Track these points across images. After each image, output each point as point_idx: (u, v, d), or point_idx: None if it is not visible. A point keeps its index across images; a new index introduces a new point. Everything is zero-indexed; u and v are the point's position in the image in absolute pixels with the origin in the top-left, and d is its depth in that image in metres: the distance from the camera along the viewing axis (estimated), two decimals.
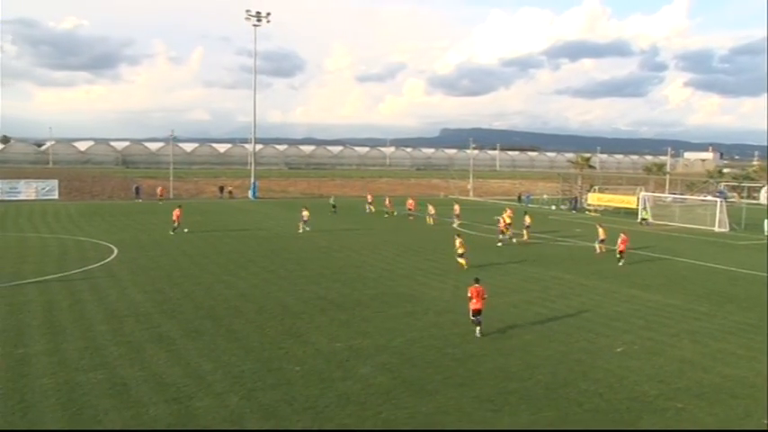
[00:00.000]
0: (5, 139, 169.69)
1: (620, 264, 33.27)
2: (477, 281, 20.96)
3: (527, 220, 43.44)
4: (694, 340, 19.84)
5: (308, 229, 43.93)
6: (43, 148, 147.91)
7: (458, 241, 32.22)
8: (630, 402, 14.83)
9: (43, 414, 13.36)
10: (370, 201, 62.34)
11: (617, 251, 34.06)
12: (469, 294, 20.47)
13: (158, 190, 68.92)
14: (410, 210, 57.28)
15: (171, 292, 24.86)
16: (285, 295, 24.77)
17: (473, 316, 20.18)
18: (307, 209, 45.87)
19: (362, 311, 22.43)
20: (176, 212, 43.81)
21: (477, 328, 20.00)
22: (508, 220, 43.36)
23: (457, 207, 52.09)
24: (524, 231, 42.85)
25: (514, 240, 41.32)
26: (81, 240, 38.49)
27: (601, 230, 38.21)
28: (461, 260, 31.45)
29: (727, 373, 16.82)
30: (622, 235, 34.61)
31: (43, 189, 68.69)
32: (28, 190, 67.90)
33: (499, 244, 40.22)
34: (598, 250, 37.41)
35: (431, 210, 53.40)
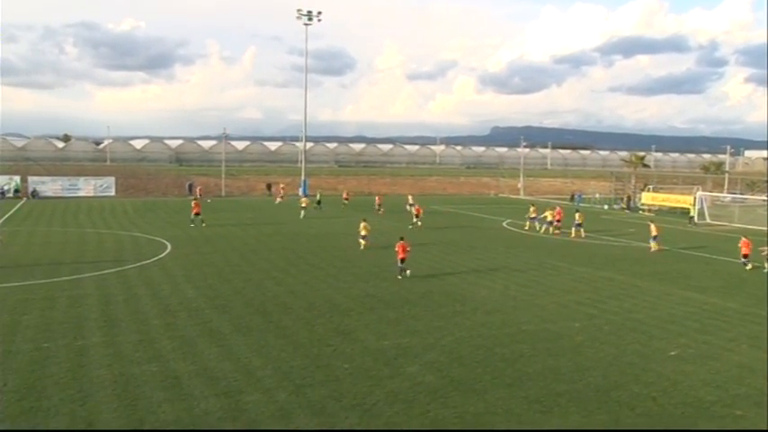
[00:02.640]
0: (66, 138, 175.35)
1: (748, 268, 31.86)
2: (401, 239, 29.04)
3: (578, 217, 43.73)
4: (754, 345, 19.20)
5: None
6: (101, 146, 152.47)
7: (362, 225, 36.59)
8: (685, 408, 14.46)
9: (100, 404, 13.76)
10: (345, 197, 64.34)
11: (740, 255, 32.73)
12: (396, 249, 28.25)
13: (197, 189, 70.42)
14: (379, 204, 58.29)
15: (222, 288, 25.31)
16: (334, 292, 24.95)
17: (400, 264, 27.97)
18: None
19: (411, 310, 22.43)
20: (196, 203, 47.34)
21: (408, 271, 27.79)
22: (557, 217, 45.26)
23: (533, 208, 48.89)
24: (573, 229, 43.32)
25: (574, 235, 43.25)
26: (136, 236, 39.51)
27: (653, 227, 38.07)
28: (363, 241, 35.89)
29: None
30: (743, 239, 33.52)
31: (101, 186, 70.84)
32: (87, 187, 70.13)
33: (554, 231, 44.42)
34: (652, 248, 37.17)
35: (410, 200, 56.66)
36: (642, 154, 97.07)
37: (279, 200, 66.70)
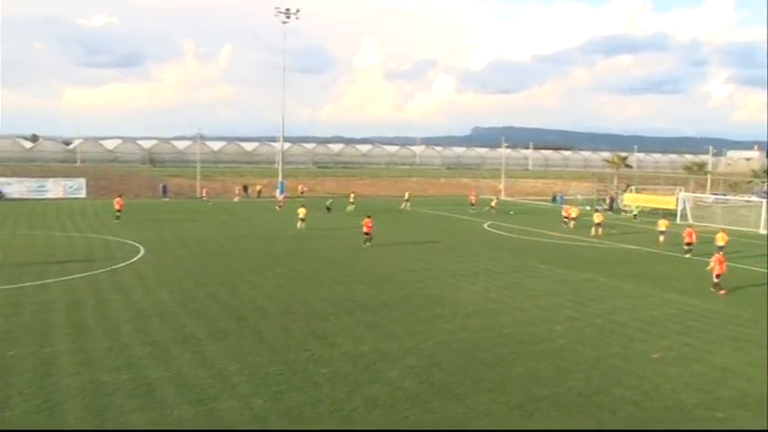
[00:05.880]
0: (34, 138, 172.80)
1: (686, 256, 36.29)
2: (369, 217, 37.68)
3: (597, 217, 46.89)
4: (737, 347, 19.43)
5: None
6: (71, 146, 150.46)
7: (300, 209, 44.94)
8: (668, 411, 14.60)
9: (67, 414, 13.56)
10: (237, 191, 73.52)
11: (684, 243, 37.11)
12: (363, 224, 36.99)
13: (204, 191, 72.24)
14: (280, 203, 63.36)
15: (196, 292, 25.11)
16: (311, 296, 24.87)
17: (365, 235, 36.89)
18: (304, 206, 47.55)
19: (390, 313, 22.42)
20: (118, 201, 49.10)
21: (368, 243, 36.67)
22: (573, 214, 51.10)
23: (573, 210, 53.44)
24: (592, 229, 45.88)
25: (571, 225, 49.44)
26: (107, 239, 39.06)
27: (719, 236, 36.12)
28: (301, 224, 44.08)
29: None
30: (688, 229, 38.28)
31: (71, 188, 69.92)
32: (56, 188, 69.16)
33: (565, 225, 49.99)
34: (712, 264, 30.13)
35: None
36: (624, 154, 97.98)
37: (236, 199, 71.37)
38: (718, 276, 27.42)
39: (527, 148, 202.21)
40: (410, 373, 16.43)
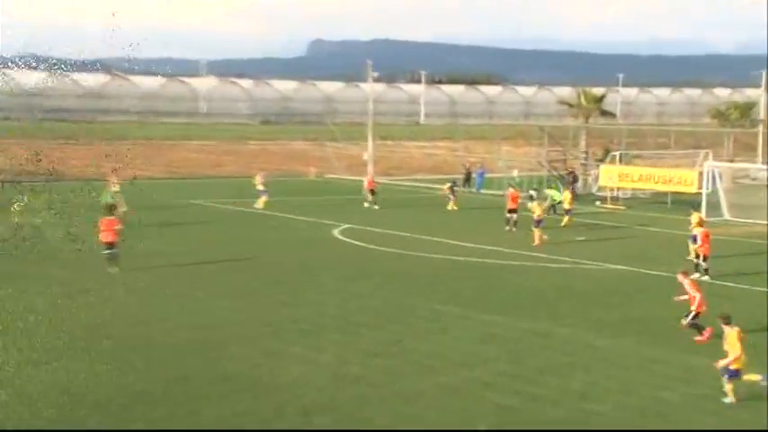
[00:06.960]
0: None
1: (703, 278, 37.60)
2: (112, 208, 42.53)
3: (535, 208, 50.47)
4: None
5: None
6: None
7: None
8: None
9: None
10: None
11: (694, 254, 39.62)
12: (100, 226, 38.44)
13: None
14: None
15: None
16: None
17: (106, 249, 38.83)
18: None
19: (149, 414, 21.81)
20: None
21: (116, 268, 38.75)
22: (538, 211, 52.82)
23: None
24: (536, 232, 48.92)
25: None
26: None
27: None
28: None
29: None
30: (702, 230, 40.18)
31: None
32: None
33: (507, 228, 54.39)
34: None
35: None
36: (600, 91, 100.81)
37: None
38: (697, 314, 29.37)
39: (417, 81, 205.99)
40: None
